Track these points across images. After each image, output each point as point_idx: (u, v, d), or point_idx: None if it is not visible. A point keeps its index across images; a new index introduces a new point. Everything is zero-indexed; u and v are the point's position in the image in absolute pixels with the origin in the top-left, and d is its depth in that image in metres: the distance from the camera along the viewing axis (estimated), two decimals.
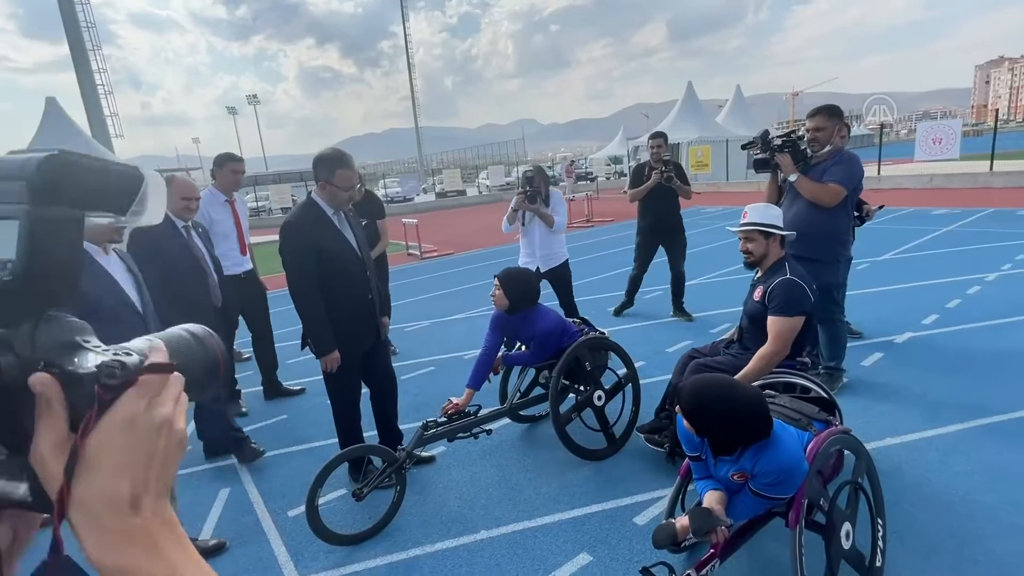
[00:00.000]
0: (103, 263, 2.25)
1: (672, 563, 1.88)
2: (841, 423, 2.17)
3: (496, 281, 3.04)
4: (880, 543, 1.99)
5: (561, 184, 22.31)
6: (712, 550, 1.78)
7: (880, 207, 4.46)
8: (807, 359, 2.78)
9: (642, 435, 3.07)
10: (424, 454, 3.18)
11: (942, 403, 3.31)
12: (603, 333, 3.25)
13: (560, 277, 4.33)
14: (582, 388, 3.10)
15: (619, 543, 2.41)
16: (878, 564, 1.95)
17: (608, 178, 30.26)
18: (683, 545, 2.10)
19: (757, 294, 2.76)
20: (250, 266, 4.15)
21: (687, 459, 1.95)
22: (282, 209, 20.39)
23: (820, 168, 3.50)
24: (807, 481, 1.72)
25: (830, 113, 3.50)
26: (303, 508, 2.87)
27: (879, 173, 15.74)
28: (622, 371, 3.27)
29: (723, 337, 3.15)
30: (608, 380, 3.24)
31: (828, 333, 3.60)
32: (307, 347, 2.82)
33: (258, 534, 2.73)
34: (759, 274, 2.86)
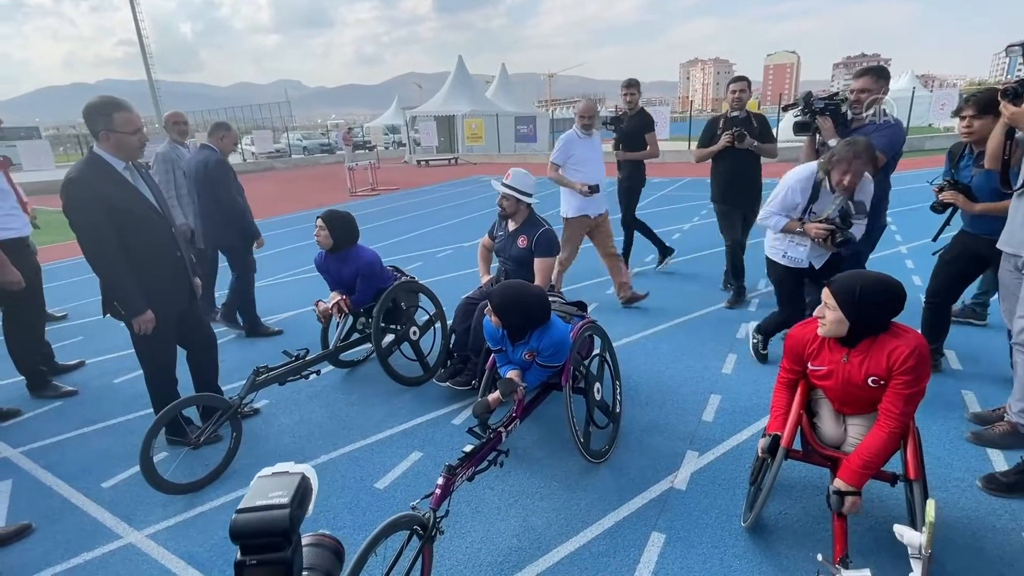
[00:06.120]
0: None
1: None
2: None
3: (320, 222, 3.27)
4: (618, 396, 2.93)
5: (339, 152, 21.54)
6: (514, 413, 2.45)
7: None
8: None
9: (444, 384, 3.36)
10: (249, 408, 3.28)
11: (655, 313, 4.63)
12: (413, 278, 3.73)
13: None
14: (399, 327, 3.55)
15: (443, 439, 2.98)
16: (617, 410, 2.88)
17: (387, 147, 30.02)
18: (490, 424, 2.76)
19: (521, 242, 3.40)
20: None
21: (492, 353, 2.59)
22: None
23: (862, 132, 3.23)
24: (572, 354, 2.51)
25: (878, 75, 3.24)
26: (121, 477, 2.83)
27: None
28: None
29: (484, 281, 3.64)
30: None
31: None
32: (110, 312, 2.69)
33: (71, 509, 2.60)
34: (513, 227, 3.44)
